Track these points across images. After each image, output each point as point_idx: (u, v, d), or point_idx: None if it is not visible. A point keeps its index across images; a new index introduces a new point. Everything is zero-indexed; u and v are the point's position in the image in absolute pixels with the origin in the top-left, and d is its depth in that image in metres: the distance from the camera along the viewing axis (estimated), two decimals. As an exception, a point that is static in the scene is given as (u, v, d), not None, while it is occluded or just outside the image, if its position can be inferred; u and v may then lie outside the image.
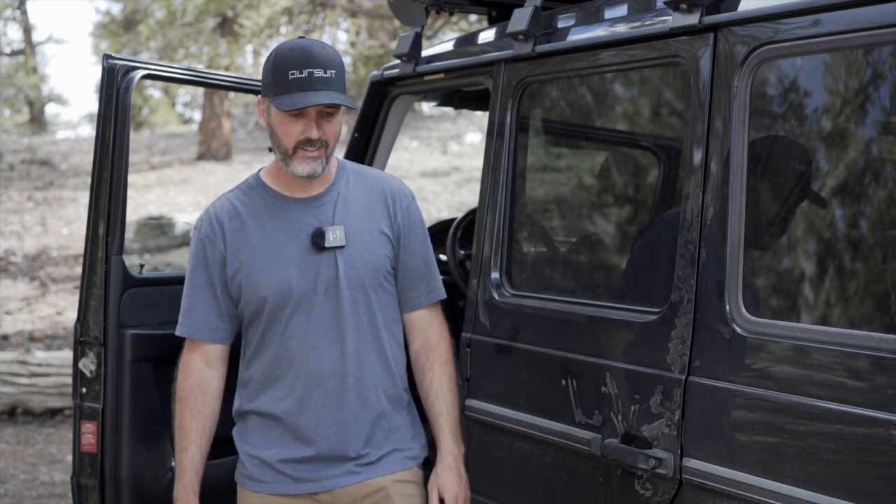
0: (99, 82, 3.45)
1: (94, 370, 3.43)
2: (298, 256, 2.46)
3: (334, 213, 2.48)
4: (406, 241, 2.56)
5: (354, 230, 2.48)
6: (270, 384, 2.52)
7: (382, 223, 2.52)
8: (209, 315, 2.55)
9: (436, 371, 2.60)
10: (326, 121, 2.40)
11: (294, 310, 2.47)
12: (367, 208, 2.52)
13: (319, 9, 14.23)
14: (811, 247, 2.37)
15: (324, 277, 2.46)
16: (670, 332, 2.46)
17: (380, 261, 2.51)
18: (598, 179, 3.71)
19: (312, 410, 2.49)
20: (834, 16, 2.19)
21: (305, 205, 2.50)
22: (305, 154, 2.40)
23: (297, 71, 2.34)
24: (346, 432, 2.50)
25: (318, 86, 2.35)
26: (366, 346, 2.51)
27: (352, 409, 2.50)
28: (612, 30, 2.77)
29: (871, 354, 2.06)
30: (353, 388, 2.49)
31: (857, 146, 2.31)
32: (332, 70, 2.37)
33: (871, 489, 2.03)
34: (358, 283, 2.48)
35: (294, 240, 2.47)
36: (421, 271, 2.59)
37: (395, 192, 2.57)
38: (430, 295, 2.62)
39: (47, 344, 9.58)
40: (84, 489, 3.47)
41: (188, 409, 2.55)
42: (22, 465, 6.56)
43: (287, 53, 2.38)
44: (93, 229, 3.42)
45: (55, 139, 22.51)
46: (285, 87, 2.36)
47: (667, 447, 2.44)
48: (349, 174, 2.57)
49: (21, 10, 24.88)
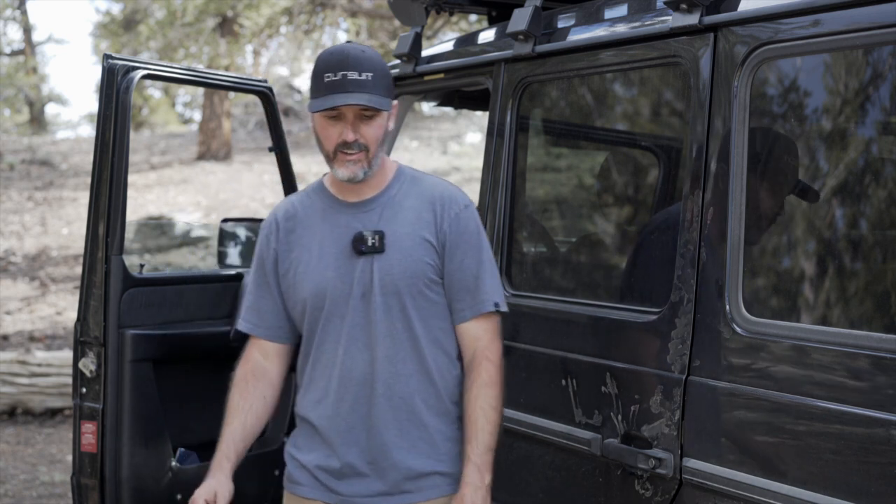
0: (99, 82, 3.45)
1: (94, 370, 3.43)
2: (339, 260, 2.45)
3: (379, 219, 2.46)
4: (451, 250, 2.47)
5: (396, 236, 2.44)
6: (310, 388, 2.52)
7: (427, 230, 2.45)
8: (266, 312, 2.57)
9: (473, 392, 2.45)
10: (365, 124, 2.39)
11: (330, 313, 2.46)
12: (414, 215, 2.47)
13: (319, 9, 14.24)
14: (811, 247, 2.37)
15: (360, 282, 2.43)
16: (670, 332, 2.46)
17: (419, 267, 2.44)
18: (598, 179, 3.71)
19: (343, 415, 2.45)
20: (834, 16, 2.19)
21: (354, 209, 2.48)
22: (345, 157, 2.40)
23: (332, 73, 2.36)
24: (376, 439, 2.44)
25: (351, 88, 2.34)
26: (401, 353, 2.44)
27: (382, 417, 2.44)
28: (612, 30, 2.77)
29: (871, 354, 2.06)
30: (382, 396, 2.43)
31: (857, 146, 2.31)
32: (368, 73, 2.36)
33: (871, 489, 2.03)
34: (393, 289, 2.43)
35: (338, 243, 2.46)
36: (466, 283, 2.47)
37: (446, 199, 2.48)
38: (475, 308, 2.47)
39: (47, 344, 9.58)
40: (84, 489, 3.47)
41: (238, 391, 2.58)
42: (22, 465, 6.56)
43: (326, 57, 2.40)
44: (93, 229, 3.42)
45: (55, 139, 22.51)
46: (320, 90, 2.37)
47: (667, 447, 2.43)
48: (405, 180, 2.52)
49: (21, 10, 24.88)
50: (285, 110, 20.08)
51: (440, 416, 2.49)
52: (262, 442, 3.94)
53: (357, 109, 2.37)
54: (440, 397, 2.49)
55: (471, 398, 2.45)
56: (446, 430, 2.49)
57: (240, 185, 15.64)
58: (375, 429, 2.44)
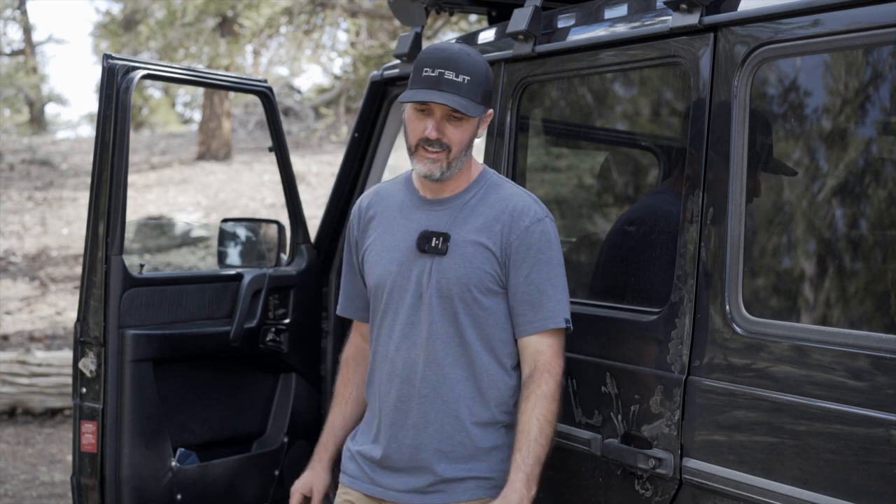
0: (99, 82, 3.45)
1: (94, 370, 3.43)
2: (403, 254, 2.48)
3: (449, 220, 2.46)
4: (517, 262, 2.43)
5: (460, 241, 2.43)
6: (370, 378, 2.58)
7: (491, 239, 2.43)
8: (355, 296, 2.66)
9: (530, 403, 2.41)
10: (452, 125, 2.39)
11: (388, 305, 2.50)
12: (483, 222, 2.45)
13: (319, 9, 14.23)
14: (811, 247, 2.37)
15: (417, 280, 2.45)
16: (670, 332, 2.46)
17: (476, 275, 2.42)
18: (598, 179, 3.71)
19: (388, 410, 2.49)
20: (834, 16, 2.19)
21: (428, 207, 2.50)
22: (425, 154, 2.41)
23: (431, 70, 2.37)
24: (416, 438, 2.45)
25: (445, 87, 2.35)
26: (449, 357, 2.44)
27: (423, 418, 2.44)
28: (612, 30, 2.77)
29: (871, 354, 2.06)
30: (426, 397, 2.44)
31: (857, 146, 2.30)
32: (466, 76, 2.37)
33: (871, 489, 2.03)
34: (447, 292, 2.42)
35: (407, 238, 2.49)
36: (530, 297, 2.43)
37: (518, 210, 2.45)
38: (537, 324, 2.43)
39: (47, 344, 9.58)
40: (84, 489, 3.47)
41: (341, 377, 2.72)
42: (22, 465, 6.56)
43: (430, 52, 2.42)
44: (93, 229, 3.41)
45: (55, 139, 22.50)
46: (415, 83, 2.39)
47: (667, 447, 2.43)
48: (485, 186, 2.51)
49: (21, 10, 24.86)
50: (285, 110, 20.08)
51: (485, 425, 2.47)
52: (262, 442, 3.94)
53: (446, 110, 2.38)
54: (487, 405, 2.47)
55: (527, 408, 2.42)
56: (491, 437, 2.48)
57: (240, 185, 15.63)
58: (416, 428, 2.46)
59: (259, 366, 3.90)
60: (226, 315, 3.79)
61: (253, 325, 3.79)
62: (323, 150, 17.92)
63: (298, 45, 15.96)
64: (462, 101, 2.36)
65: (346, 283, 2.68)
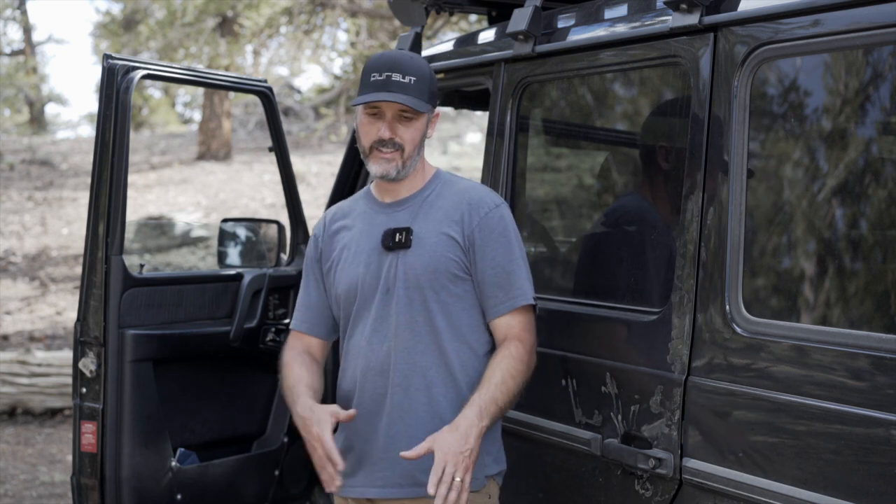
0: (99, 82, 3.45)
1: (94, 370, 3.43)
2: (370, 256, 2.56)
3: (410, 217, 2.55)
4: (482, 248, 2.52)
5: (423, 233, 2.52)
6: (342, 378, 2.62)
7: (452, 228, 2.53)
8: (310, 308, 2.69)
9: (496, 360, 2.45)
10: (403, 125, 2.49)
11: (361, 307, 2.56)
12: (443, 214, 2.55)
13: (319, 9, 14.23)
14: (811, 247, 2.37)
15: (386, 277, 2.53)
16: (670, 332, 2.46)
17: (442, 263, 2.50)
18: (598, 179, 3.71)
19: (364, 405, 2.53)
20: (834, 16, 2.19)
21: (389, 209, 2.59)
22: (380, 155, 2.50)
23: (378, 73, 2.47)
24: (392, 429, 2.50)
25: (394, 88, 2.45)
26: (420, 345, 2.50)
27: (398, 408, 2.50)
28: (612, 30, 2.77)
29: (871, 354, 2.06)
30: (399, 386, 2.50)
31: (857, 146, 2.30)
32: (412, 77, 2.47)
33: (871, 489, 2.03)
34: (415, 283, 2.50)
35: (371, 241, 2.57)
36: (498, 279, 2.51)
37: (475, 199, 2.55)
38: (508, 303, 2.51)
39: (47, 344, 9.58)
40: (84, 489, 3.47)
41: (288, 368, 2.62)
42: (22, 465, 6.56)
43: (376, 58, 2.52)
44: (93, 229, 3.42)
45: (55, 139, 22.50)
46: (365, 87, 2.49)
47: (667, 447, 2.44)
48: (440, 183, 2.62)
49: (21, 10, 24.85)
50: (285, 110, 20.08)
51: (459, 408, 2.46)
52: (262, 442, 3.94)
53: (396, 110, 2.48)
54: (460, 391, 2.50)
55: (493, 363, 2.46)
56: None
57: (240, 185, 15.63)
58: (390, 419, 2.50)
59: (259, 366, 3.90)
60: (226, 315, 3.79)
61: (253, 325, 3.79)
62: (323, 150, 17.92)
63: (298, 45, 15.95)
64: (411, 100, 2.46)
65: (303, 296, 2.72)
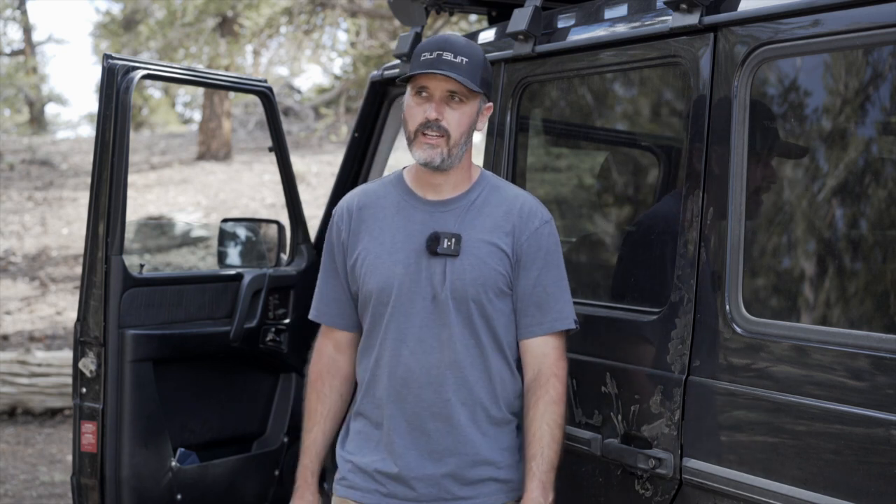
0: (99, 82, 3.45)
1: (94, 370, 3.43)
2: (410, 257, 2.41)
3: (457, 221, 2.43)
4: (527, 264, 2.43)
5: (471, 242, 2.41)
6: (371, 385, 2.47)
7: (503, 240, 2.42)
8: (335, 300, 2.55)
9: (539, 409, 2.41)
10: (451, 107, 2.37)
11: (396, 309, 2.42)
12: (492, 222, 2.43)
13: (319, 9, 14.23)
14: (811, 247, 2.37)
15: (430, 283, 2.40)
16: (670, 332, 2.46)
17: (491, 276, 2.40)
18: (598, 179, 3.71)
19: (405, 417, 2.42)
20: (834, 16, 2.19)
21: (432, 208, 2.45)
22: (425, 140, 2.37)
23: (429, 53, 2.37)
24: (437, 444, 2.41)
25: (444, 67, 2.34)
26: (468, 359, 2.41)
27: (446, 421, 2.40)
28: (612, 30, 2.76)
29: (871, 354, 2.06)
30: (448, 401, 2.40)
31: (857, 146, 2.30)
32: (464, 57, 2.37)
33: (871, 489, 2.03)
34: (462, 294, 2.39)
35: (411, 240, 2.43)
36: (538, 298, 2.44)
37: (526, 211, 2.45)
38: (545, 325, 2.44)
39: (47, 344, 9.58)
40: (84, 489, 3.47)
41: (315, 392, 2.57)
42: (22, 465, 6.56)
43: (429, 40, 2.41)
44: (93, 229, 3.42)
45: (55, 139, 22.50)
46: (415, 67, 2.38)
47: (667, 447, 2.43)
48: (487, 187, 2.49)
49: (21, 10, 24.85)
50: (285, 110, 20.08)
51: (499, 426, 2.46)
52: (263, 442, 3.94)
53: (445, 91, 2.36)
54: (500, 407, 2.46)
55: (537, 414, 2.42)
56: (504, 439, 2.47)
57: (240, 185, 15.63)
58: (438, 434, 2.41)
59: (259, 366, 3.90)
60: (226, 315, 3.79)
61: (253, 325, 3.79)
62: (323, 150, 17.92)
63: (298, 45, 15.95)
64: (461, 77, 2.35)
65: (323, 287, 2.57)
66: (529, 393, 2.45)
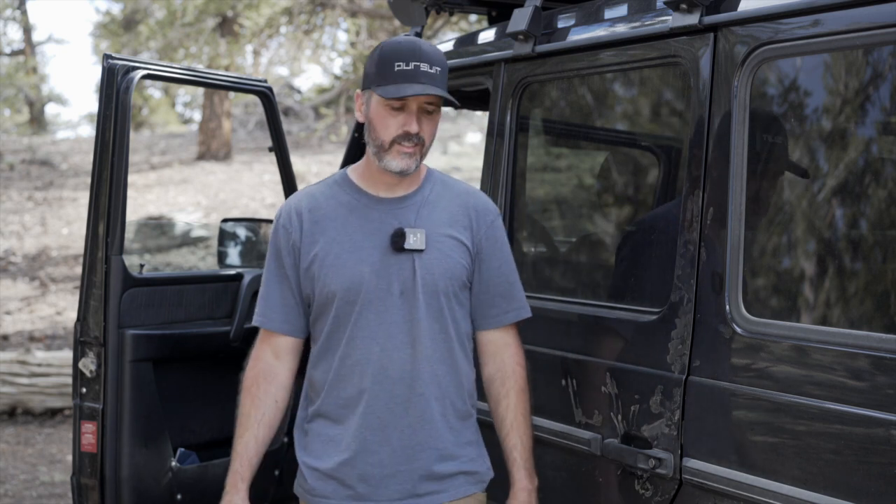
0: (99, 82, 3.45)
1: (94, 370, 3.43)
2: (374, 255, 2.40)
3: (416, 217, 2.43)
4: (488, 256, 2.48)
5: (435, 236, 2.42)
6: (336, 386, 2.44)
7: (462, 234, 2.45)
8: (282, 306, 2.50)
9: (511, 399, 2.49)
10: (426, 118, 2.38)
11: (364, 308, 2.40)
12: (448, 217, 2.46)
13: (319, 9, 14.24)
14: (811, 247, 2.37)
15: (399, 279, 2.40)
16: (670, 332, 2.46)
17: (457, 269, 2.43)
18: (598, 179, 3.71)
19: (377, 413, 2.40)
20: (834, 16, 2.19)
21: (389, 205, 2.44)
22: (402, 149, 2.36)
23: (404, 63, 2.33)
24: (411, 439, 2.41)
25: (424, 79, 2.33)
26: (438, 353, 2.42)
27: (419, 416, 2.41)
28: (612, 30, 2.76)
29: (871, 354, 2.06)
30: (422, 395, 2.40)
31: (857, 146, 2.30)
32: (437, 67, 2.37)
33: (871, 489, 2.03)
34: (433, 288, 2.40)
35: (372, 238, 2.42)
36: (502, 289, 2.49)
37: (481, 206, 2.50)
38: (510, 314, 2.51)
39: (47, 344, 9.58)
40: (84, 489, 3.48)
41: (249, 397, 2.52)
42: (22, 465, 6.56)
43: (395, 46, 2.37)
44: (93, 229, 3.42)
45: (55, 139, 22.51)
46: (391, 78, 2.33)
47: (667, 447, 2.44)
48: (437, 182, 2.51)
49: (21, 10, 24.86)
50: (285, 110, 20.08)
51: (464, 419, 2.49)
52: None
53: (421, 103, 2.36)
54: (464, 400, 2.49)
55: (510, 404, 2.50)
56: (468, 432, 2.50)
57: (240, 185, 15.64)
58: (411, 429, 2.41)
59: (259, 366, 3.89)
60: (226, 315, 3.79)
61: (253, 325, 3.79)
62: (323, 150, 17.92)
63: (298, 45, 15.95)
64: (443, 92, 2.36)
65: (269, 293, 2.50)
66: (496, 384, 2.51)
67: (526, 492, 2.49)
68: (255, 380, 2.52)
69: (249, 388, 2.52)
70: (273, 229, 2.53)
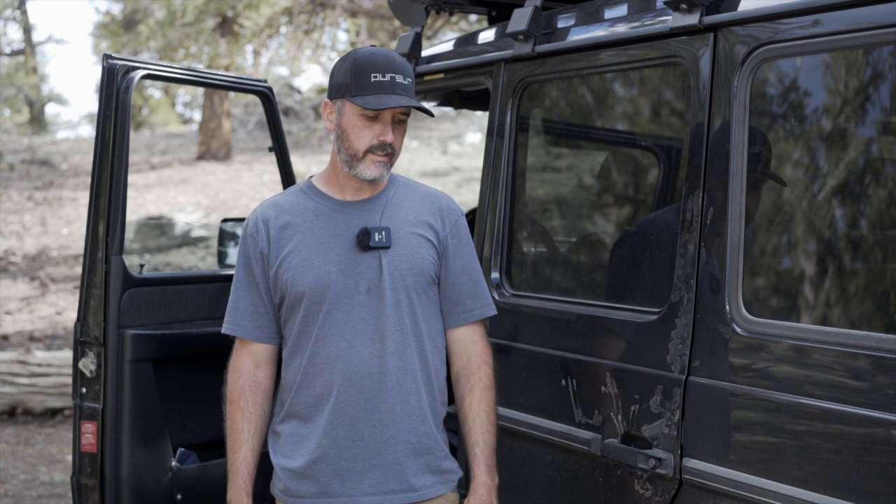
0: (99, 82, 3.45)
1: (94, 370, 3.43)
2: (341, 255, 2.44)
3: (381, 217, 2.48)
4: (453, 254, 2.52)
5: (400, 233, 2.46)
6: (305, 384, 2.47)
7: (428, 231, 2.50)
8: (253, 313, 2.53)
9: (475, 396, 2.51)
10: (398, 128, 2.43)
11: (332, 307, 2.43)
12: (414, 215, 2.50)
13: (319, 9, 14.24)
14: (811, 247, 2.37)
15: (366, 277, 2.44)
16: (670, 332, 2.46)
17: (424, 265, 2.47)
18: (598, 179, 3.71)
19: (347, 410, 2.43)
20: (834, 16, 2.19)
21: (353, 208, 2.49)
22: (376, 158, 2.42)
23: (380, 74, 2.38)
24: (382, 434, 2.43)
25: (400, 91, 2.38)
26: (408, 349, 2.45)
27: (390, 412, 2.43)
28: (612, 30, 2.77)
29: (871, 354, 2.06)
30: (392, 390, 2.43)
31: (857, 146, 2.31)
32: (409, 78, 2.42)
33: (871, 489, 2.03)
34: (401, 284, 2.44)
35: (339, 239, 2.46)
36: (467, 287, 2.54)
37: (444, 206, 2.55)
38: (476, 312, 2.55)
39: (47, 344, 9.58)
40: (84, 489, 3.48)
41: (239, 411, 2.53)
42: (22, 465, 6.56)
43: (369, 57, 2.40)
44: (93, 229, 3.42)
45: (55, 139, 22.50)
46: (368, 89, 2.38)
47: (667, 447, 2.44)
48: (401, 185, 2.56)
49: (21, 10, 24.86)
50: (285, 110, 20.08)
51: (436, 416, 2.53)
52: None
53: (394, 113, 2.41)
54: (434, 396, 2.52)
55: (473, 401, 2.52)
56: (438, 429, 2.53)
57: (240, 185, 15.64)
58: (382, 423, 2.43)
59: (259, 366, 3.89)
60: (226, 315, 3.79)
61: None
62: (323, 150, 17.92)
63: (298, 45, 15.95)
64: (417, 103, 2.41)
65: (238, 301, 2.54)
66: (462, 381, 2.54)
67: (486, 487, 2.49)
68: (242, 392, 2.54)
69: (237, 401, 2.54)
70: (241, 239, 2.57)
